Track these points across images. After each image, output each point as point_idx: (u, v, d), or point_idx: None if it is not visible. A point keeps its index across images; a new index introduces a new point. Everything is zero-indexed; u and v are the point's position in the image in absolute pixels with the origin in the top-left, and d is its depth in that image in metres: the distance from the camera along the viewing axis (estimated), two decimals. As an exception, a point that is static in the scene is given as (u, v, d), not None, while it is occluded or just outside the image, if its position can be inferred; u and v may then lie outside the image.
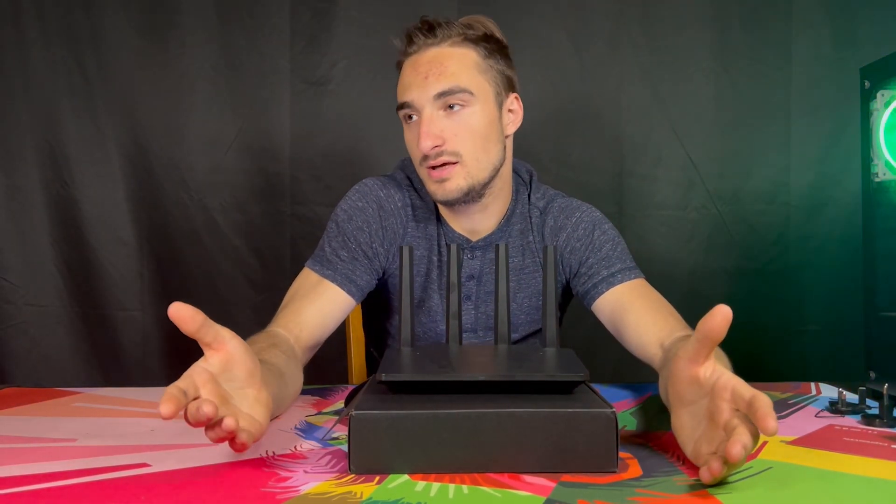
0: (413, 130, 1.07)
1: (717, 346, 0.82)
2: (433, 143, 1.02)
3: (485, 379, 0.71)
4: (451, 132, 1.04)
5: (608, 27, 1.90)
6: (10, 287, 1.86)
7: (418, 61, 1.06)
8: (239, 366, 0.70)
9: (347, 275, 1.07)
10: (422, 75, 1.04)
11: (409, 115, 1.07)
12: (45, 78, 1.84)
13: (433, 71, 1.04)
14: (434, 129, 1.03)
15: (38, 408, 0.96)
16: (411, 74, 1.06)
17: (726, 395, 0.64)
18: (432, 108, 1.03)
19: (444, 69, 1.04)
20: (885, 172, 0.99)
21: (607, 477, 0.65)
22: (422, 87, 1.03)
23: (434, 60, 1.05)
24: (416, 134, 1.05)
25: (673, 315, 1.02)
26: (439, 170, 1.04)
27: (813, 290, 1.92)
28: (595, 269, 1.10)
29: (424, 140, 1.02)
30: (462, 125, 1.04)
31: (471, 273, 1.14)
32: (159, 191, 1.87)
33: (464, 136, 1.04)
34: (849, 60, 1.84)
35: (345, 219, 1.11)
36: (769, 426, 0.58)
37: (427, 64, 1.05)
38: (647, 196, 1.92)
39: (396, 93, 1.10)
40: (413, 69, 1.06)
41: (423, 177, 1.08)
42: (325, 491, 0.62)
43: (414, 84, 1.05)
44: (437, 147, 1.03)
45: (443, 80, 1.03)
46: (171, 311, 0.66)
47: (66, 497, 0.61)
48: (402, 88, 1.07)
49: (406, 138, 1.10)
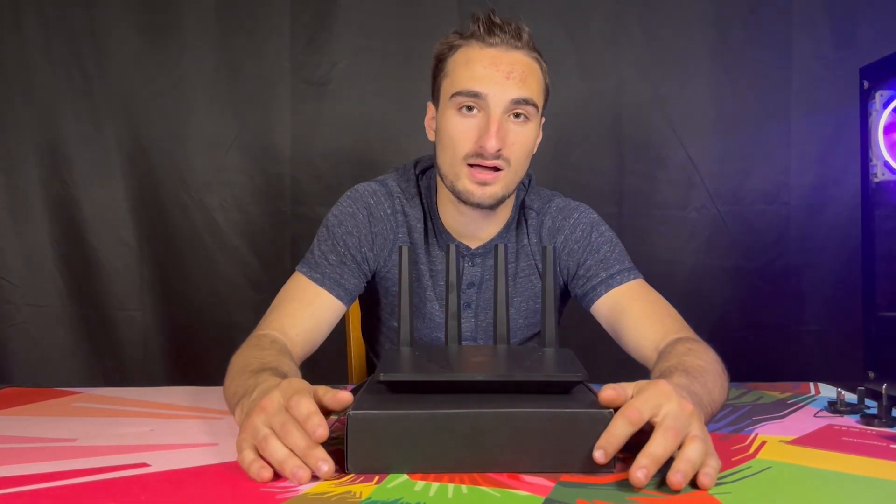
0: (468, 123, 1.02)
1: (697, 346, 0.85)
2: (499, 146, 1.00)
3: (483, 379, 0.71)
4: (512, 141, 1.02)
5: (608, 27, 1.90)
6: (10, 287, 1.86)
7: (500, 58, 1.02)
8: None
9: (336, 279, 1.07)
10: (503, 73, 1.01)
11: (471, 106, 1.02)
12: (45, 78, 1.84)
13: (515, 74, 1.01)
14: (503, 132, 1.01)
15: (38, 408, 0.96)
16: (489, 67, 1.01)
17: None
18: (504, 110, 1.01)
19: (525, 77, 1.02)
20: (883, 173, 0.99)
21: (606, 477, 0.66)
22: (501, 86, 1.00)
23: (517, 64, 1.02)
24: (473, 128, 1.01)
25: (671, 316, 1.02)
26: (487, 172, 1.02)
27: (812, 290, 1.92)
28: (593, 272, 1.10)
29: (494, 140, 0.99)
30: (521, 137, 1.03)
31: (471, 280, 1.14)
32: (159, 191, 1.87)
33: (519, 148, 1.03)
34: (849, 60, 1.84)
35: (335, 224, 1.11)
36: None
37: (509, 65, 1.01)
38: (647, 196, 1.92)
39: (453, 75, 1.04)
40: (492, 63, 1.01)
41: (461, 174, 1.03)
42: (325, 491, 0.62)
43: (491, 79, 1.01)
44: (500, 150, 1.01)
45: (524, 87, 1.01)
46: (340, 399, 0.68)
47: (66, 497, 0.61)
48: (470, 76, 1.01)
49: (451, 127, 1.03)
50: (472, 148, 1.01)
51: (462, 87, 1.02)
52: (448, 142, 1.04)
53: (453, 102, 1.03)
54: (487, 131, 1.00)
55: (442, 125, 1.05)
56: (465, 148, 1.02)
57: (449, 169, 1.05)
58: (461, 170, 1.03)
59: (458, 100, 1.02)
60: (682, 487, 0.62)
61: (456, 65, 1.04)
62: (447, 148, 1.04)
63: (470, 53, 1.03)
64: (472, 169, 1.02)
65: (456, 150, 1.03)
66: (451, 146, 1.03)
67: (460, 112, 1.02)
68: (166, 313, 1.89)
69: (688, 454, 0.63)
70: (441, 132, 1.06)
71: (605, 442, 0.64)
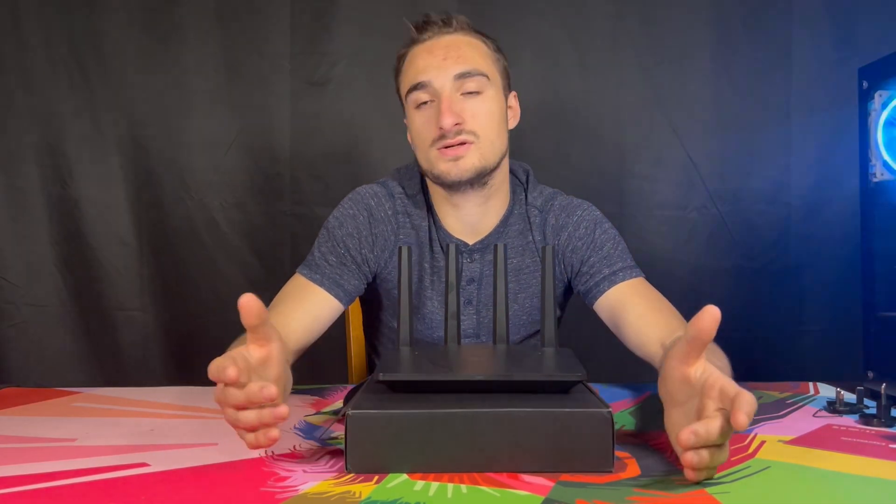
0: (426, 113, 1.06)
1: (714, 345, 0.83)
2: (455, 120, 1.02)
3: (483, 378, 0.71)
4: (470, 113, 1.04)
5: (608, 27, 1.89)
6: (10, 287, 1.86)
7: (434, 46, 1.07)
8: (272, 368, 0.71)
9: (335, 279, 1.07)
10: (439, 57, 1.05)
11: (425, 100, 1.06)
12: (45, 78, 1.84)
13: (451, 54, 1.05)
14: (455, 107, 1.03)
15: (38, 408, 0.96)
16: (427, 58, 1.06)
17: (714, 393, 0.64)
18: (451, 88, 1.04)
19: (462, 53, 1.06)
20: (882, 173, 0.99)
21: (605, 476, 0.66)
22: (440, 69, 1.04)
23: (451, 45, 1.06)
24: (431, 116, 1.05)
25: (673, 314, 1.02)
26: (455, 148, 1.04)
27: (812, 290, 1.92)
28: (597, 268, 1.11)
29: (446, 116, 1.02)
30: (480, 107, 1.05)
31: (471, 277, 1.14)
32: (159, 191, 1.87)
33: (481, 118, 1.05)
34: (849, 60, 1.84)
35: (335, 225, 1.12)
36: (739, 420, 0.59)
37: (444, 48, 1.06)
38: (647, 196, 1.91)
39: (402, 80, 1.10)
40: (428, 53, 1.06)
41: (434, 159, 1.06)
42: (324, 490, 0.62)
43: (431, 66, 1.05)
44: (458, 125, 1.03)
45: (462, 62, 1.05)
46: (242, 301, 0.68)
47: (66, 497, 0.61)
48: (414, 72, 1.07)
49: (415, 123, 1.08)
50: (434, 132, 1.05)
51: (409, 84, 1.07)
52: (416, 138, 1.09)
53: (410, 103, 1.08)
54: (440, 111, 1.03)
55: (409, 126, 1.11)
56: (429, 136, 1.06)
57: (425, 160, 1.09)
58: (432, 154, 1.06)
59: (411, 98, 1.07)
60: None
61: (405, 71, 1.10)
62: (418, 144, 1.09)
63: (411, 55, 1.10)
64: (443, 150, 1.05)
65: (423, 140, 1.07)
66: (419, 139, 1.08)
67: (418, 109, 1.07)
68: (166, 313, 1.89)
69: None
70: (411, 133, 1.11)
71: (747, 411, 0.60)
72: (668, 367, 0.70)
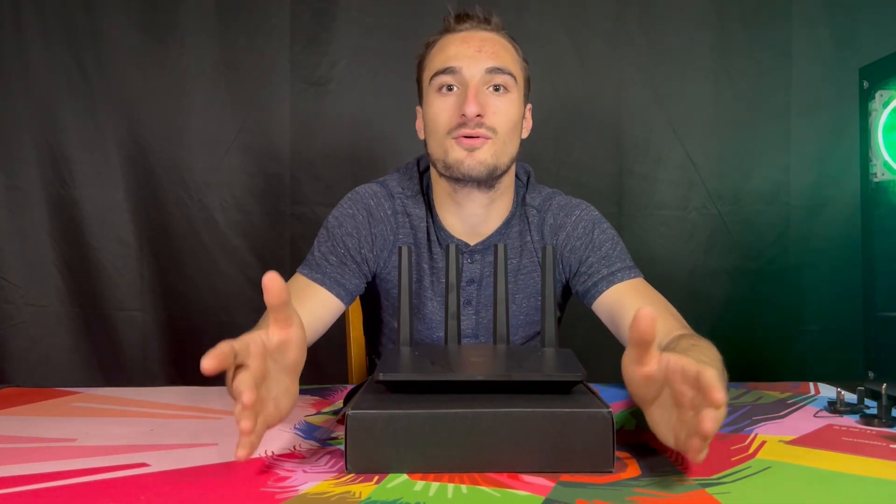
0: (448, 100, 1.04)
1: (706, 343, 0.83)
2: (478, 111, 1.02)
3: (483, 379, 0.71)
4: (493, 109, 1.04)
5: (608, 27, 1.90)
6: (10, 287, 1.86)
7: (470, 37, 1.06)
8: (291, 352, 0.70)
9: (336, 278, 1.07)
10: (474, 48, 1.05)
11: (450, 84, 1.05)
12: (45, 78, 1.84)
13: (486, 48, 1.05)
14: (481, 98, 1.03)
15: (38, 408, 0.96)
16: (460, 46, 1.06)
17: (678, 377, 0.63)
18: (480, 80, 1.04)
19: (496, 50, 1.06)
20: (883, 173, 0.99)
21: (606, 476, 0.66)
22: (474, 59, 1.04)
23: (487, 40, 1.06)
24: (453, 103, 1.04)
25: (672, 314, 1.02)
26: (472, 139, 1.03)
27: (812, 290, 1.92)
28: (595, 268, 1.10)
29: (472, 105, 1.01)
30: (503, 106, 1.05)
31: (471, 277, 1.14)
32: (159, 191, 1.88)
33: (503, 118, 1.05)
34: (849, 60, 1.84)
35: (335, 225, 1.12)
36: (716, 399, 0.58)
37: (480, 41, 1.06)
38: (647, 196, 1.92)
39: (428, 62, 1.08)
40: (463, 42, 1.06)
41: (449, 147, 1.04)
42: (324, 491, 0.62)
43: (464, 54, 1.04)
44: (479, 117, 1.02)
45: (496, 58, 1.05)
46: (266, 279, 0.67)
47: (66, 497, 0.61)
48: (444, 57, 1.06)
49: (433, 108, 1.06)
50: (455, 120, 1.03)
51: (437, 67, 1.06)
52: (432, 123, 1.07)
53: (433, 86, 1.06)
54: (466, 98, 1.02)
55: (426, 112, 1.08)
56: (448, 122, 1.04)
57: (438, 148, 1.06)
58: (447, 142, 1.05)
59: (436, 81, 1.05)
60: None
61: (432, 57, 1.09)
62: (433, 130, 1.07)
63: (443, 42, 1.08)
64: (460, 139, 1.04)
65: (439, 126, 1.05)
66: (434, 125, 1.06)
67: (440, 93, 1.05)
68: (166, 313, 1.89)
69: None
70: (426, 118, 1.09)
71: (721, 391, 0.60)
72: (627, 374, 0.69)
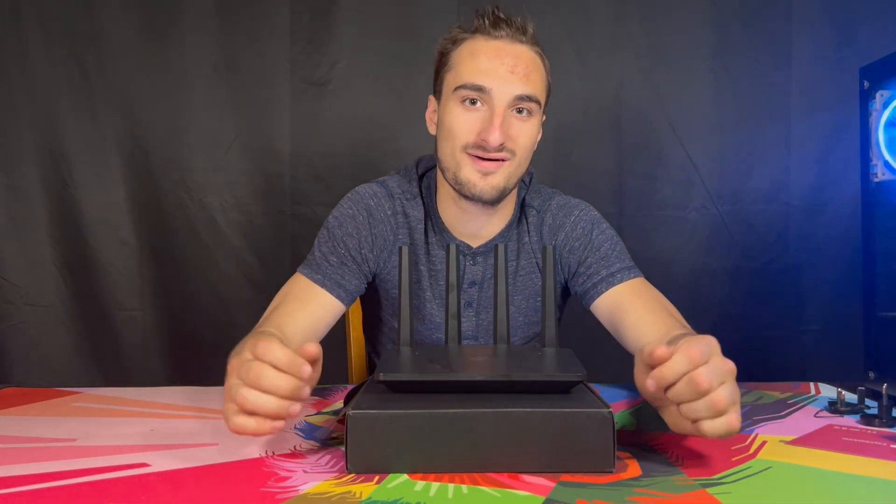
0: (472, 115, 1.02)
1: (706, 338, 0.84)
2: (503, 140, 1.00)
3: (483, 379, 0.71)
4: (515, 134, 1.02)
5: (608, 27, 1.90)
6: (10, 287, 1.86)
7: (504, 51, 1.02)
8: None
9: (337, 280, 1.07)
10: (507, 67, 1.00)
11: (475, 99, 1.01)
12: (45, 78, 1.84)
13: (519, 69, 1.01)
14: (506, 126, 1.00)
15: (38, 408, 0.96)
16: (494, 60, 1.01)
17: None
18: (508, 105, 1.01)
19: (529, 73, 1.02)
20: (883, 172, 0.99)
21: (606, 476, 0.66)
22: (505, 81, 1.00)
23: (521, 58, 1.02)
24: (476, 119, 1.01)
25: (672, 314, 1.02)
26: (490, 162, 1.02)
27: (813, 290, 1.92)
28: (594, 269, 1.10)
29: (498, 133, 0.99)
30: (525, 132, 1.03)
31: (472, 279, 1.14)
32: (159, 191, 1.87)
33: (523, 141, 1.03)
34: (849, 60, 1.84)
35: (335, 225, 1.11)
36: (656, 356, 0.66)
37: (514, 59, 1.01)
38: (647, 196, 1.92)
39: (457, 68, 1.03)
40: (497, 55, 1.01)
41: (462, 162, 1.03)
42: (325, 491, 0.62)
43: (495, 73, 1.00)
44: (502, 143, 1.01)
45: (528, 84, 1.01)
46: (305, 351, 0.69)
47: (66, 497, 0.61)
48: (475, 69, 1.01)
49: (453, 117, 1.03)
50: (473, 139, 1.01)
51: (466, 80, 1.01)
52: (448, 133, 1.04)
53: (457, 95, 1.02)
54: (491, 125, 0.99)
55: (444, 117, 1.05)
56: (466, 138, 1.02)
57: (450, 159, 1.05)
58: (462, 158, 1.03)
59: (462, 93, 1.02)
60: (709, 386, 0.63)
61: (460, 58, 1.04)
62: (448, 139, 1.04)
63: (474, 46, 1.03)
64: (473, 158, 1.02)
65: (457, 140, 1.03)
66: (451, 137, 1.03)
67: (463, 104, 1.02)
68: (166, 313, 1.89)
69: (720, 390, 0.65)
70: (442, 124, 1.06)
71: (659, 374, 0.65)
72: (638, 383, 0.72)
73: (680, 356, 0.65)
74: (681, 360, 0.65)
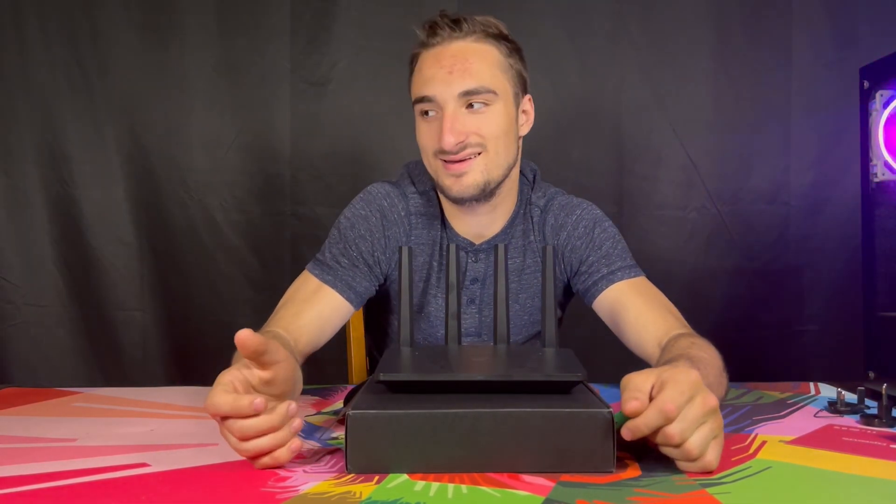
0: (431, 125, 1.04)
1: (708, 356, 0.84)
2: (456, 140, 1.00)
3: (483, 379, 0.71)
4: (474, 128, 1.02)
5: (608, 27, 1.90)
6: (10, 287, 1.86)
7: (442, 54, 1.03)
8: (277, 386, 0.70)
9: (347, 281, 1.07)
10: (445, 69, 1.01)
11: (427, 110, 1.04)
12: (45, 78, 1.84)
13: (457, 67, 1.01)
14: (458, 125, 1.00)
15: (38, 408, 0.96)
16: (433, 67, 1.02)
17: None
18: (456, 105, 1.01)
19: (468, 66, 1.01)
20: (883, 172, 0.99)
21: (606, 476, 0.66)
22: (445, 83, 1.01)
23: (458, 55, 1.02)
24: (435, 129, 1.02)
25: (672, 313, 1.02)
26: (458, 164, 1.03)
27: (812, 290, 1.92)
28: (595, 267, 1.10)
29: (448, 136, 0.99)
30: (485, 124, 1.03)
31: (475, 276, 1.14)
32: (159, 191, 1.87)
33: (487, 131, 1.03)
34: (849, 60, 1.84)
35: (347, 226, 1.11)
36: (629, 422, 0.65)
37: (451, 58, 1.02)
38: (647, 196, 1.92)
39: (412, 85, 1.07)
40: (436, 62, 1.02)
41: (437, 169, 1.05)
42: (325, 491, 0.62)
43: (436, 78, 1.02)
44: (460, 142, 1.01)
45: (468, 77, 1.01)
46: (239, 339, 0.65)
47: (66, 497, 0.61)
48: (421, 82, 1.04)
49: (420, 132, 1.07)
50: (436, 146, 1.03)
51: (416, 94, 1.05)
52: (420, 147, 1.09)
53: (417, 110, 1.07)
54: (441, 130, 1.01)
55: (416, 133, 1.09)
56: (431, 148, 1.05)
57: (431, 170, 1.09)
58: (437, 165, 1.06)
59: (418, 107, 1.06)
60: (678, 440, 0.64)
61: (414, 77, 1.08)
62: (422, 149, 1.09)
63: (421, 60, 1.07)
64: (446, 164, 1.04)
65: (426, 151, 1.07)
66: (422, 149, 1.08)
67: (423, 117, 1.06)
68: (166, 313, 1.89)
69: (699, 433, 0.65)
70: (417, 139, 1.09)
71: (634, 426, 0.64)
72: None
73: (653, 412, 0.64)
74: (655, 416, 0.64)
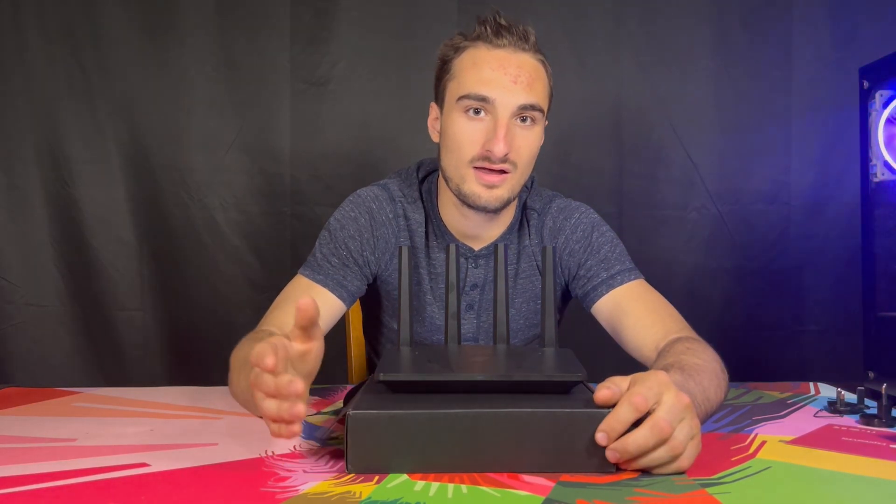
0: (475, 125, 1.01)
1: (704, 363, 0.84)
2: (507, 150, 1.00)
3: (483, 379, 0.71)
4: (519, 144, 1.01)
5: (608, 27, 1.90)
6: (10, 287, 1.86)
7: (508, 61, 1.01)
8: (309, 363, 0.71)
9: (338, 280, 1.07)
10: (510, 77, 1.00)
11: (478, 109, 1.01)
12: (45, 78, 1.84)
13: (522, 79, 1.00)
14: (511, 137, 1.00)
15: (38, 408, 0.96)
16: (497, 70, 1.00)
17: None
18: (511, 115, 1.00)
19: (532, 81, 1.01)
20: (883, 172, 0.99)
21: (606, 476, 0.66)
22: (509, 91, 1.00)
23: (524, 67, 1.01)
24: (480, 130, 1.01)
25: (671, 316, 1.02)
26: (495, 175, 1.02)
27: (812, 290, 1.92)
28: (594, 272, 1.10)
29: (502, 144, 0.98)
30: (527, 141, 1.02)
31: (474, 282, 1.14)
32: (159, 191, 1.87)
33: (525, 152, 1.03)
34: (849, 60, 1.84)
35: (337, 227, 1.11)
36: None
37: (517, 68, 1.01)
38: (647, 196, 1.92)
39: (461, 77, 1.02)
40: (500, 66, 1.00)
41: (467, 176, 1.03)
42: (325, 491, 0.62)
43: (499, 83, 1.00)
44: (507, 153, 1.00)
45: (531, 93, 1.01)
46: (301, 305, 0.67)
47: (66, 497, 0.61)
48: (479, 79, 1.00)
49: (458, 129, 1.02)
50: (478, 151, 1.01)
51: (469, 90, 1.01)
52: (454, 145, 1.03)
53: (460, 105, 1.02)
54: (495, 136, 0.99)
55: (447, 127, 1.05)
56: (471, 151, 1.01)
57: (454, 172, 1.04)
58: (467, 172, 1.03)
59: (465, 103, 1.01)
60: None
61: (462, 67, 1.03)
62: (453, 151, 1.03)
63: (477, 55, 1.02)
64: (478, 171, 1.02)
65: (462, 153, 1.02)
66: (457, 149, 1.03)
67: (467, 114, 1.02)
68: (166, 313, 1.89)
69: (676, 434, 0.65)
70: (446, 135, 1.05)
71: (607, 426, 0.65)
72: None
73: (624, 405, 0.65)
74: (626, 410, 0.64)
